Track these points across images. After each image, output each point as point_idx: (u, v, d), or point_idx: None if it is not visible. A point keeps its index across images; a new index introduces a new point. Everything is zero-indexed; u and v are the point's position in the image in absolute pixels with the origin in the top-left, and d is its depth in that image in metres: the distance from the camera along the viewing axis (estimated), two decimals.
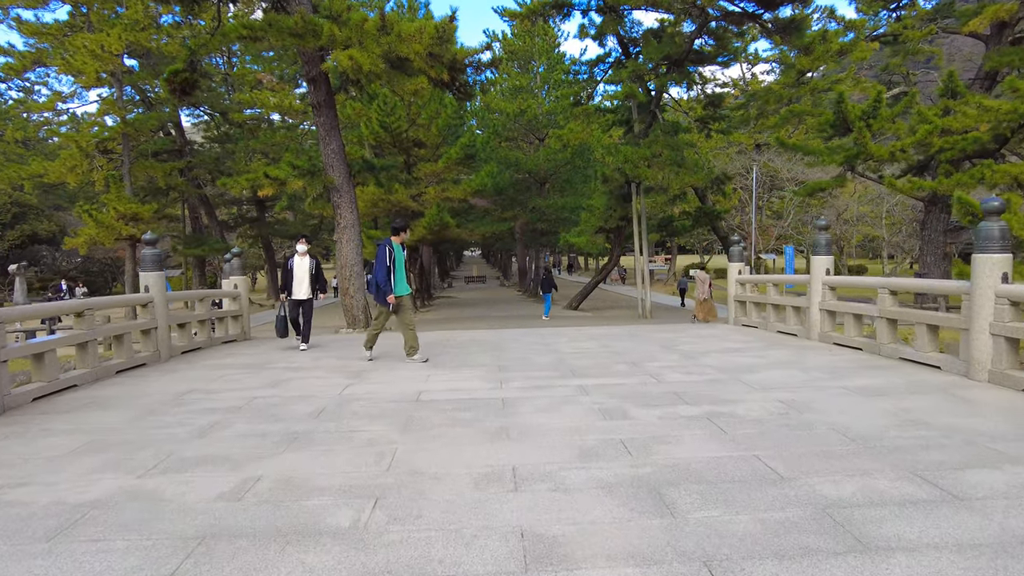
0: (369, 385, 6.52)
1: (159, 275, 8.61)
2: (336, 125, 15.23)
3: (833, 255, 9.36)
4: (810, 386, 5.98)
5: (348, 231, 15.78)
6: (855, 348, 8.09)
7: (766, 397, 5.55)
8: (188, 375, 7.45)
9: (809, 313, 9.21)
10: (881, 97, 16.04)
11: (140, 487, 3.72)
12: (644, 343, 9.31)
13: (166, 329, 8.70)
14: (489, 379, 6.66)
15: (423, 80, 12.38)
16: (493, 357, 8.21)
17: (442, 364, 7.77)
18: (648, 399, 5.57)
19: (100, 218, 21.47)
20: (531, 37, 32.16)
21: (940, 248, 19.13)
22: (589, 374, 6.81)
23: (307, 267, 9.25)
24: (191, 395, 6.23)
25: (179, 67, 14.20)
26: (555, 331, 11.68)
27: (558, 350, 8.75)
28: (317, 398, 5.94)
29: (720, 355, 7.93)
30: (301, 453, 4.31)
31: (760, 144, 46.01)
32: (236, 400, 5.94)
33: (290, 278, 9.22)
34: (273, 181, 14.56)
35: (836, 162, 17.62)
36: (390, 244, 7.70)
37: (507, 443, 4.39)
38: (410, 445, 4.40)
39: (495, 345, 9.62)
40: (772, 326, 10.54)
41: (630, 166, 19.40)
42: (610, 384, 6.25)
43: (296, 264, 9.26)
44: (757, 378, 6.39)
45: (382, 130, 23.71)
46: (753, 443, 4.28)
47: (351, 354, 8.96)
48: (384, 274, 7.55)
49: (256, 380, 6.94)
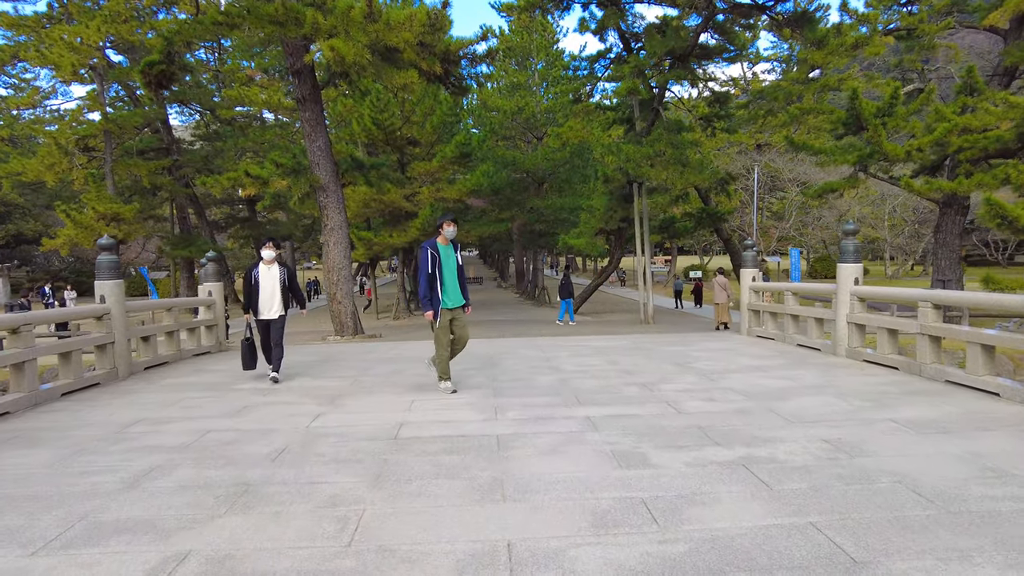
0: (343, 415, 5.66)
1: (116, 284, 7.75)
2: (322, 121, 14.37)
3: (834, 256, 8.51)
4: (854, 419, 5.15)
5: (336, 233, 14.92)
6: (890, 367, 7.28)
7: (807, 435, 4.72)
8: (142, 399, 6.59)
9: (835, 326, 8.39)
10: (898, 93, 15.25)
11: (23, 573, 2.86)
12: (654, 359, 8.48)
13: (125, 344, 7.84)
14: (482, 407, 5.81)
15: (413, 74, 11.57)
16: (488, 377, 7.36)
17: (430, 386, 6.92)
18: (669, 437, 4.73)
19: (79, 218, 20.56)
20: (529, 33, 31.32)
21: (955, 252, 18.33)
22: (596, 400, 5.96)
23: (276, 278, 7.32)
24: (136, 427, 5.37)
25: (155, 58, 13.32)
26: (555, 342, 10.85)
27: (560, 368, 7.91)
28: (280, 433, 5.09)
29: (742, 376, 7.10)
30: (247, 516, 3.46)
31: (761, 144, 45.33)
32: (186, 435, 5.09)
33: (256, 293, 7.30)
34: (255, 180, 13.70)
35: (849, 162, 16.83)
36: (432, 246, 6.29)
37: (501, 505, 3.55)
38: (381, 506, 3.56)
39: (490, 361, 8.78)
40: (791, 338, 9.73)
41: (632, 165, 18.58)
42: (622, 415, 5.41)
43: (262, 275, 7.30)
44: (790, 407, 5.56)
45: (375, 127, 22.84)
46: (806, 504, 3.45)
47: (329, 371, 8.10)
48: (427, 283, 6.20)
49: (216, 407, 6.08)
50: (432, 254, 6.23)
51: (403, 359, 9.11)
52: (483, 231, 30.34)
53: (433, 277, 6.20)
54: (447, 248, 6.39)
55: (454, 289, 6.38)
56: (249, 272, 7.37)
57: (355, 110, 23.37)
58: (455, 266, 6.41)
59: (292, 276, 7.50)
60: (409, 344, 11.55)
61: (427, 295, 6.21)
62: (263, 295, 7.29)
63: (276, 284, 7.32)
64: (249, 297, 7.33)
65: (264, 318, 7.35)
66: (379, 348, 10.98)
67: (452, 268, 6.36)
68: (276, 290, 7.33)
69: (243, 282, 7.44)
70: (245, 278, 7.38)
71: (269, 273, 7.34)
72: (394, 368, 8.22)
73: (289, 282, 7.43)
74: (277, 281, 7.33)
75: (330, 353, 10.24)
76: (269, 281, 7.31)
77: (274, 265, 7.41)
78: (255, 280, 7.28)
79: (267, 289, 7.30)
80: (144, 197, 29.38)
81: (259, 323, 7.39)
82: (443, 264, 6.28)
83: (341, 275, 15.25)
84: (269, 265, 7.38)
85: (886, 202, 48.66)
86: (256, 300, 7.29)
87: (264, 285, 7.30)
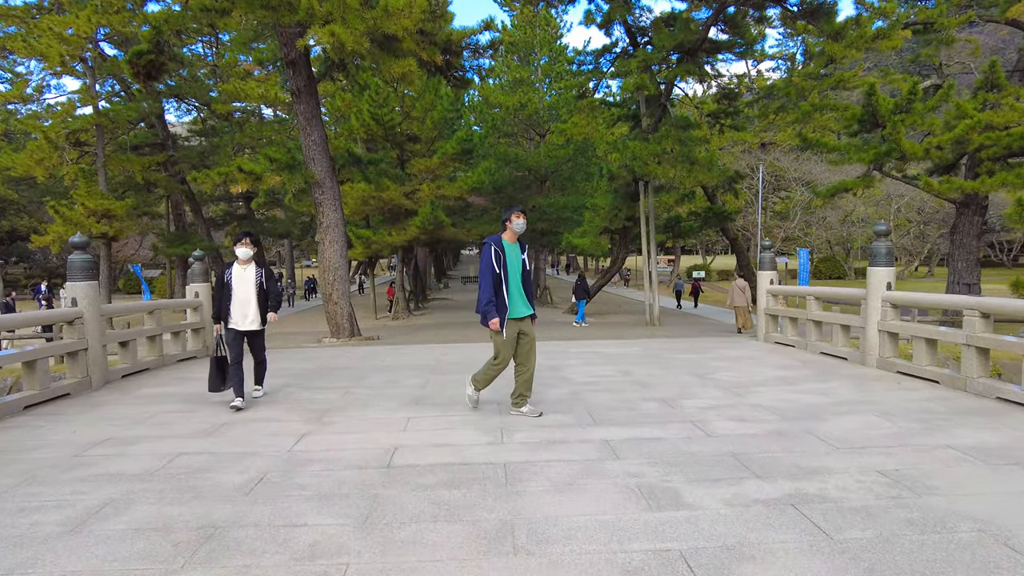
0: (330, 435, 5.07)
1: (89, 285, 7.16)
2: (318, 114, 13.78)
3: (838, 257, 7.90)
4: (906, 444, 4.56)
5: (332, 231, 14.34)
6: (929, 380, 6.69)
7: (858, 465, 4.13)
8: (112, 413, 6.00)
9: (865, 334, 7.80)
10: (917, 89, 14.66)
11: None
12: (671, 369, 7.89)
13: (99, 350, 7.25)
14: (486, 426, 5.22)
15: (412, 62, 10.98)
16: (491, 388, 6.76)
17: (428, 399, 6.33)
18: (701, 467, 4.14)
19: (68, 215, 19.96)
20: (532, 28, 30.68)
21: (973, 253, 17.75)
22: (613, 419, 5.37)
23: (253, 280, 6.10)
24: (98, 449, 4.79)
25: (144, 48, 12.74)
26: (562, 348, 10.26)
27: (569, 379, 7.32)
28: (258, 457, 4.50)
29: (769, 390, 6.51)
30: (208, 572, 2.87)
31: (766, 143, 44.74)
32: (153, 459, 4.50)
33: (228, 298, 6.08)
34: (247, 176, 13.10)
35: (864, 160, 16.24)
36: (497, 242, 5.28)
37: (512, 559, 2.96)
38: (369, 559, 2.97)
39: None
40: (813, 346, 9.14)
41: (639, 163, 17.98)
42: (644, 438, 4.82)
43: (236, 277, 6.08)
44: (831, 429, 4.97)
45: (374, 123, 22.23)
46: (879, 561, 2.86)
47: (319, 380, 7.51)
48: (489, 288, 5.19)
49: (190, 424, 5.49)
50: (496, 252, 5.22)
51: (400, 367, 8.52)
52: (484, 230, 29.68)
53: (499, 280, 5.20)
54: (513, 247, 5.35)
55: (519, 296, 5.35)
56: (221, 274, 6.13)
57: (354, 105, 22.77)
58: (521, 268, 5.36)
59: (269, 276, 6.26)
60: (408, 349, 10.97)
61: (491, 300, 5.17)
62: (238, 301, 6.07)
63: (253, 288, 6.09)
64: (220, 303, 6.10)
65: (239, 328, 6.11)
66: (376, 353, 10.40)
67: (517, 270, 5.34)
68: (252, 295, 6.09)
69: (215, 286, 6.26)
70: (217, 281, 6.18)
71: (244, 275, 6.10)
72: (389, 378, 7.63)
73: (266, 283, 6.20)
74: (253, 284, 6.09)
75: (323, 358, 9.65)
76: (245, 284, 6.08)
77: (251, 265, 6.15)
78: (229, 281, 6.06)
79: (242, 294, 6.07)
80: (139, 193, 28.77)
81: (232, 335, 6.08)
82: (508, 265, 5.26)
83: (337, 275, 14.66)
84: (245, 265, 6.14)
85: (891, 202, 48.08)
86: (229, 307, 6.07)
87: (239, 289, 6.07)
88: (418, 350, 10.58)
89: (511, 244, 5.36)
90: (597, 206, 22.48)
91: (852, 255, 56.60)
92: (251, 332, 6.23)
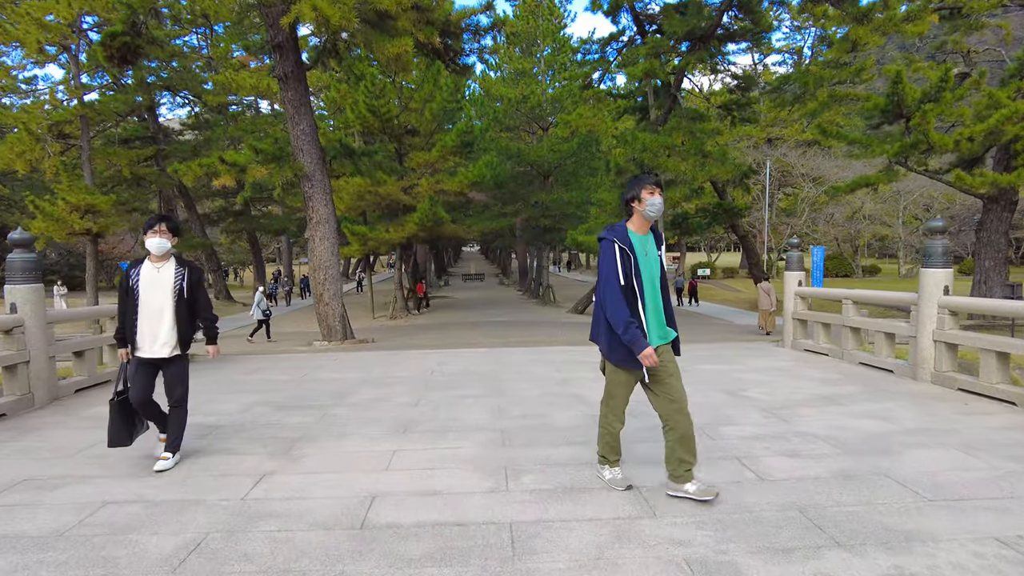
0: (297, 476, 4.15)
1: (31, 289, 6.24)
2: (307, 102, 12.85)
3: (846, 254, 6.99)
4: (1017, 496, 3.63)
5: (322, 227, 13.42)
6: (1004, 402, 5.76)
7: (966, 529, 3.21)
8: (44, 441, 5.09)
9: (917, 345, 6.87)
10: (949, 76, 13.69)
11: None
12: (696, 383, 6.95)
13: (44, 363, 6.33)
14: (487, 465, 4.30)
15: (408, 42, 10.07)
16: (492, 411, 5.85)
17: (419, 424, 5.42)
18: (764, 528, 3.22)
19: (49, 210, 19.04)
20: (535, 17, 29.72)
21: (1001, 251, 16.80)
22: (642, 455, 4.45)
23: (170, 285, 4.20)
24: (8, 496, 3.87)
25: (118, 29, 11.80)
26: (569, 356, 9.34)
27: (582, 396, 6.40)
28: (202, 509, 3.58)
29: (816, 411, 5.58)
30: None
31: (773, 138, 43.83)
32: (70, 511, 3.59)
33: (135, 311, 4.18)
34: (231, 168, 12.19)
35: (889, 153, 15.30)
36: (622, 236, 3.50)
37: None
38: None
39: (495, 381, 7.28)
40: (850, 355, 8.22)
41: (649, 155, 17.05)
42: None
43: (145, 281, 4.19)
44: (909, 469, 4.05)
45: (370, 115, 21.30)
46: None
47: (297, 396, 6.57)
48: (615, 300, 3.44)
49: (130, 455, 4.55)
50: (622, 251, 3.45)
51: (390, 381, 7.60)
52: (485, 227, 28.88)
53: (631, 292, 3.45)
54: (645, 240, 3.56)
55: (656, 315, 3.57)
56: (126, 276, 4.25)
57: (349, 96, 21.83)
58: (657, 270, 3.59)
59: (198, 283, 4.33)
60: (402, 356, 10.06)
61: (627, 319, 3.40)
62: (147, 314, 4.16)
63: (169, 296, 4.18)
64: (123, 318, 4.23)
65: (150, 356, 4.19)
66: (366, 361, 9.49)
67: (654, 275, 3.56)
68: (168, 307, 4.17)
69: (119, 292, 4.41)
70: (120, 286, 4.33)
71: (158, 278, 4.19)
72: (377, 394, 6.71)
73: (190, 292, 4.25)
74: (170, 291, 4.18)
75: (306, 367, 8.74)
76: (157, 291, 4.17)
77: (168, 263, 4.25)
78: (135, 286, 4.17)
79: (154, 303, 4.16)
80: (129, 189, 27.88)
81: (139, 364, 4.20)
82: (640, 268, 3.48)
83: (329, 274, 13.75)
84: (159, 264, 4.22)
85: (899, 199, 47.10)
86: (135, 323, 4.16)
87: (149, 298, 4.16)
88: (413, 358, 9.67)
89: (641, 236, 3.54)
90: (603, 201, 21.56)
91: (859, 252, 55.67)
92: (164, 362, 4.24)
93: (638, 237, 3.55)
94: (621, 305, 3.43)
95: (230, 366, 9.01)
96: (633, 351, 3.43)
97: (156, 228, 4.18)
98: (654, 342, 3.53)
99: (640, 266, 3.48)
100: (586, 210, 25.06)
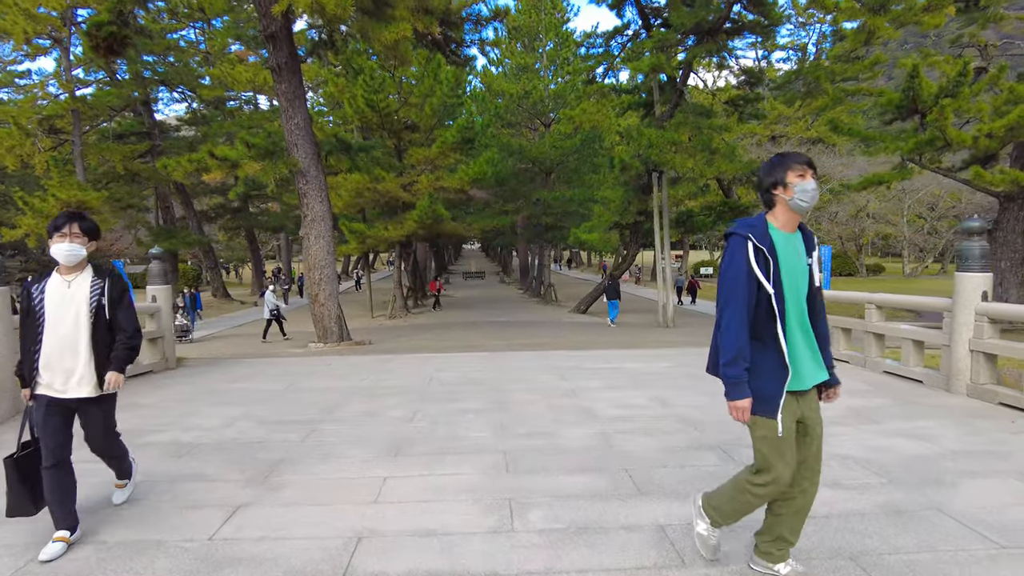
0: (274, 509, 3.67)
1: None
2: (302, 95, 12.37)
3: (850, 253, 6.51)
4: None
5: (317, 225, 12.95)
6: None
7: None
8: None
9: (952, 354, 6.39)
10: (968, 70, 13.20)
11: None
12: (715, 396, 6.46)
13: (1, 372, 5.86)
14: (489, 497, 3.81)
15: (406, 28, 9.57)
16: (494, 428, 5.37)
17: (414, 443, 4.94)
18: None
19: (39, 207, 18.58)
20: (537, 12, 29.20)
21: (1018, 252, 16.28)
22: (663, 483, 3.96)
23: (84, 302, 3.21)
24: None
25: (104, 18, 11.32)
26: (576, 361, 8.87)
27: (592, 411, 5.92)
28: (163, 553, 3.11)
29: (851, 431, 5.10)
30: None
31: (776, 136, 43.33)
32: (6, 555, 3.11)
33: (37, 338, 3.16)
34: (221, 163, 11.71)
35: (904, 149, 14.84)
36: (759, 232, 2.53)
37: None
38: None
39: (496, 392, 6.80)
40: (873, 363, 7.75)
41: (655, 151, 16.56)
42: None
43: (51, 299, 3.18)
44: (968, 505, 3.57)
45: (368, 110, 20.79)
46: None
47: (281, 409, 6.09)
48: (734, 320, 2.49)
49: (88, 484, 4.09)
50: (758, 251, 2.50)
51: (384, 390, 7.12)
52: (485, 224, 28.38)
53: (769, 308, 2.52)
54: (790, 240, 2.59)
55: (806, 340, 2.62)
56: (27, 292, 3.23)
57: (347, 91, 21.33)
58: (806, 282, 2.59)
59: (119, 298, 3.30)
60: (398, 361, 9.59)
61: (741, 352, 2.50)
62: (54, 341, 3.16)
63: (84, 318, 3.20)
64: (26, 348, 3.21)
65: (63, 396, 3.18)
66: (361, 365, 9.03)
67: (799, 287, 2.57)
68: (83, 332, 3.20)
69: (20, 314, 3.40)
70: (22, 307, 3.28)
71: (69, 293, 3.21)
72: (369, 407, 6.23)
73: (112, 310, 3.26)
74: (85, 311, 3.20)
75: (296, 374, 8.27)
76: (68, 312, 3.19)
77: (83, 275, 3.25)
78: (38, 305, 3.18)
79: (62, 328, 3.17)
80: (123, 185, 27.41)
81: (45, 408, 3.17)
82: (783, 276, 2.52)
83: (324, 273, 13.28)
84: (70, 275, 3.23)
85: (903, 197, 46.61)
86: (37, 351, 3.16)
87: (56, 320, 3.17)
88: (409, 363, 9.20)
89: (787, 235, 2.58)
90: (607, 199, 21.08)
91: (863, 251, 55.18)
92: (82, 403, 3.25)
93: (782, 236, 2.56)
94: (740, 329, 2.48)
95: (216, 372, 8.55)
96: (726, 391, 2.53)
97: (64, 230, 3.15)
98: (803, 384, 2.57)
99: (783, 275, 2.50)
100: (589, 208, 24.57)
